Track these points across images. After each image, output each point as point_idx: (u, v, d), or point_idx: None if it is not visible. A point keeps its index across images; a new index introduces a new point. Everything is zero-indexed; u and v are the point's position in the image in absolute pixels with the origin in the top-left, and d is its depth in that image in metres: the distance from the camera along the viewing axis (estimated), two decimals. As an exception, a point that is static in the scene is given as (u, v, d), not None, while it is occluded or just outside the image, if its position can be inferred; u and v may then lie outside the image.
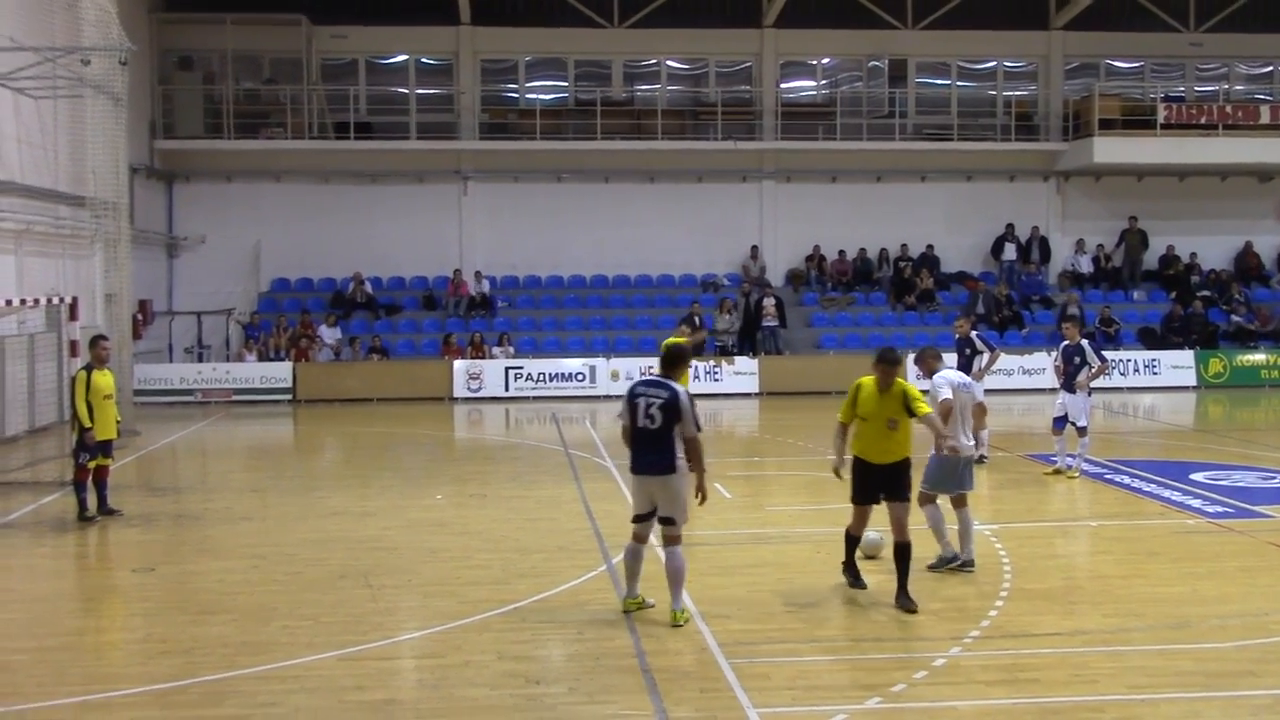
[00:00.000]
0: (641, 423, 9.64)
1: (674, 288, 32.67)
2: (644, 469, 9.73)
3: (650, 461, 9.67)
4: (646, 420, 9.62)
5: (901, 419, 10.24)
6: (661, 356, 10.28)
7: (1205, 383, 29.78)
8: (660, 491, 9.69)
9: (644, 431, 9.65)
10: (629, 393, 9.87)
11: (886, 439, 10.28)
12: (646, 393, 9.72)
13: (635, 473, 9.83)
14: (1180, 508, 14.55)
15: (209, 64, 32.26)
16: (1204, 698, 8.16)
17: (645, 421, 9.62)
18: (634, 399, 9.74)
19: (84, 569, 12.82)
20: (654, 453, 9.64)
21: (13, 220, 21.61)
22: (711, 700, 8.08)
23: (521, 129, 32.61)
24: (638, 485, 9.86)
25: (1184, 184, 33.63)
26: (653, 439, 9.62)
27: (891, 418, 10.22)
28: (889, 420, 10.22)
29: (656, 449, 9.63)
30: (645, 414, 9.63)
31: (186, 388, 28.14)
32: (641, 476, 9.77)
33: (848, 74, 34.21)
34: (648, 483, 9.74)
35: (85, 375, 14.18)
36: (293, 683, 8.49)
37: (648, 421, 9.62)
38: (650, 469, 9.69)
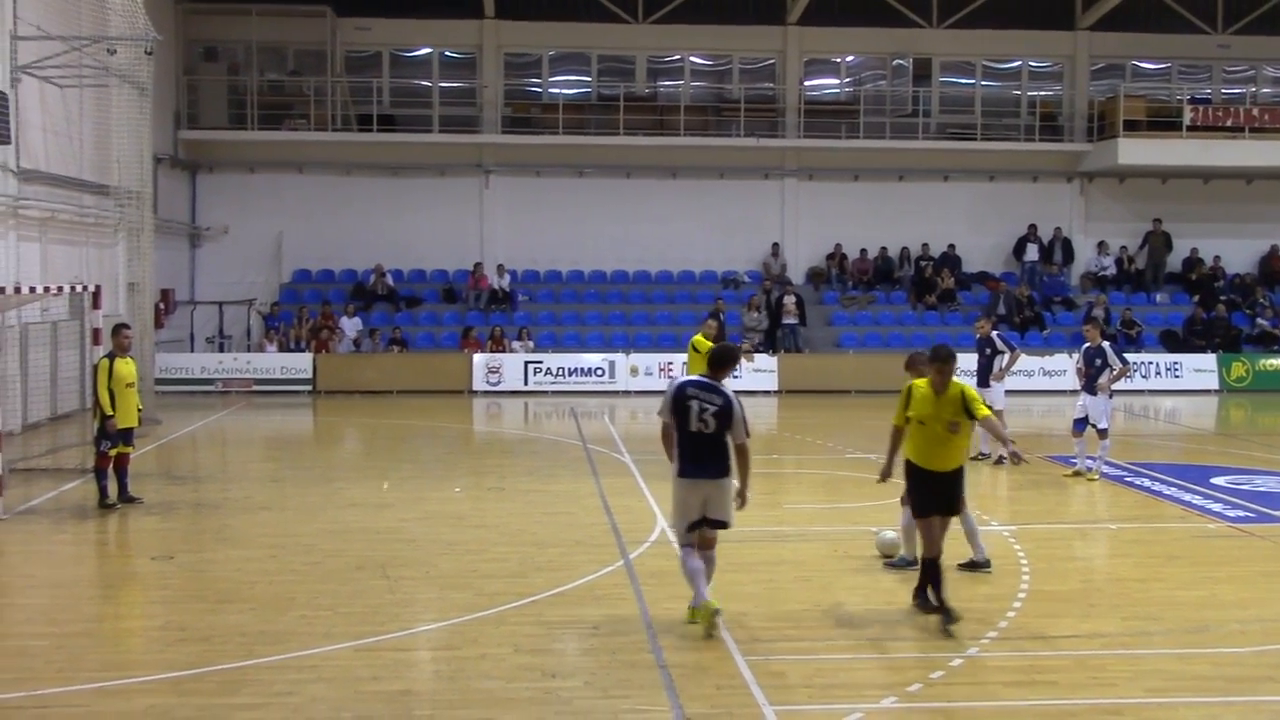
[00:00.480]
0: (695, 427, 9.33)
1: (694, 284, 32.65)
2: (698, 473, 9.39)
3: (705, 466, 9.36)
4: (701, 425, 9.32)
5: (962, 422, 9.66)
6: (712, 357, 9.84)
7: (1227, 386, 29.61)
8: (715, 494, 9.40)
9: (698, 436, 9.35)
10: (677, 394, 9.45)
11: (946, 444, 9.67)
12: (700, 396, 9.38)
13: (688, 476, 9.42)
14: (1201, 511, 14.46)
15: (234, 55, 32.38)
16: (1222, 702, 8.11)
17: (699, 426, 9.33)
18: (685, 401, 9.38)
19: (104, 556, 12.90)
20: (710, 457, 9.34)
21: (38, 208, 21.73)
22: (727, 697, 8.07)
23: (544, 123, 32.62)
24: (689, 489, 9.44)
25: (1209, 186, 33.44)
26: (708, 444, 9.34)
27: (952, 420, 9.61)
28: (949, 423, 9.61)
29: (712, 453, 9.34)
30: (699, 418, 9.32)
31: (207, 377, 28.26)
32: (695, 480, 9.41)
33: (871, 72, 34.13)
34: (702, 486, 9.40)
35: (108, 363, 14.25)
36: (309, 672, 8.52)
37: (702, 426, 9.32)
38: (705, 473, 9.37)
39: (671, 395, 9.49)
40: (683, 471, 9.42)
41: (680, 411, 9.38)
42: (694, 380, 9.62)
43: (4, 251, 20.43)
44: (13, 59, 20.82)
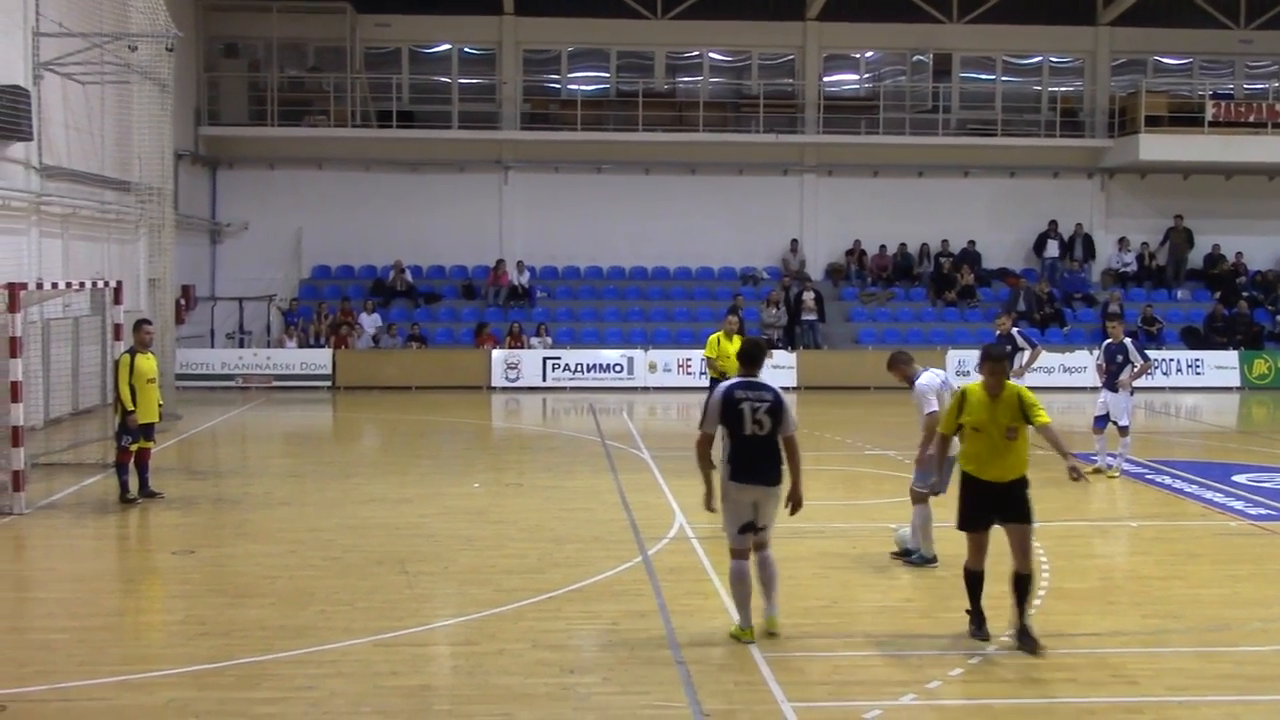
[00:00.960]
0: (750, 429, 8.97)
1: (713, 280, 32.62)
2: (754, 478, 9.02)
3: (762, 470, 9.02)
4: (755, 426, 8.97)
5: (1020, 427, 9.00)
6: (743, 353, 9.47)
7: (1249, 384, 29.44)
8: (768, 500, 9.10)
9: (753, 439, 8.99)
10: (727, 399, 9.02)
11: (1004, 453, 8.99)
12: (750, 396, 9.03)
13: (741, 481, 9.04)
14: (1222, 509, 14.39)
15: (254, 51, 32.47)
16: (1244, 701, 8.07)
17: (754, 428, 8.97)
18: (738, 404, 8.99)
19: (124, 550, 12.96)
20: (765, 460, 9.02)
21: (60, 204, 21.85)
22: (746, 694, 8.07)
23: (563, 119, 32.62)
24: (741, 492, 9.05)
25: (1231, 182, 33.24)
26: (762, 445, 9.00)
27: (1010, 426, 8.96)
28: (1007, 430, 8.96)
29: (768, 456, 9.02)
30: (754, 419, 8.97)
31: (227, 373, 28.36)
32: (750, 486, 9.03)
33: (891, 68, 34.03)
34: (755, 492, 9.04)
35: (129, 359, 14.32)
36: (329, 667, 8.55)
37: (756, 428, 8.97)
38: (762, 478, 9.02)
39: (720, 403, 9.07)
40: (736, 475, 9.07)
41: (733, 417, 9.02)
42: (737, 382, 9.19)
43: (27, 247, 20.55)
44: (35, 56, 20.93)
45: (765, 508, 9.11)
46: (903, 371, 11.57)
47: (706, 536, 12.81)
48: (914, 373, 11.49)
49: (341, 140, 31.66)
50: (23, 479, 13.79)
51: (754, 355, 9.44)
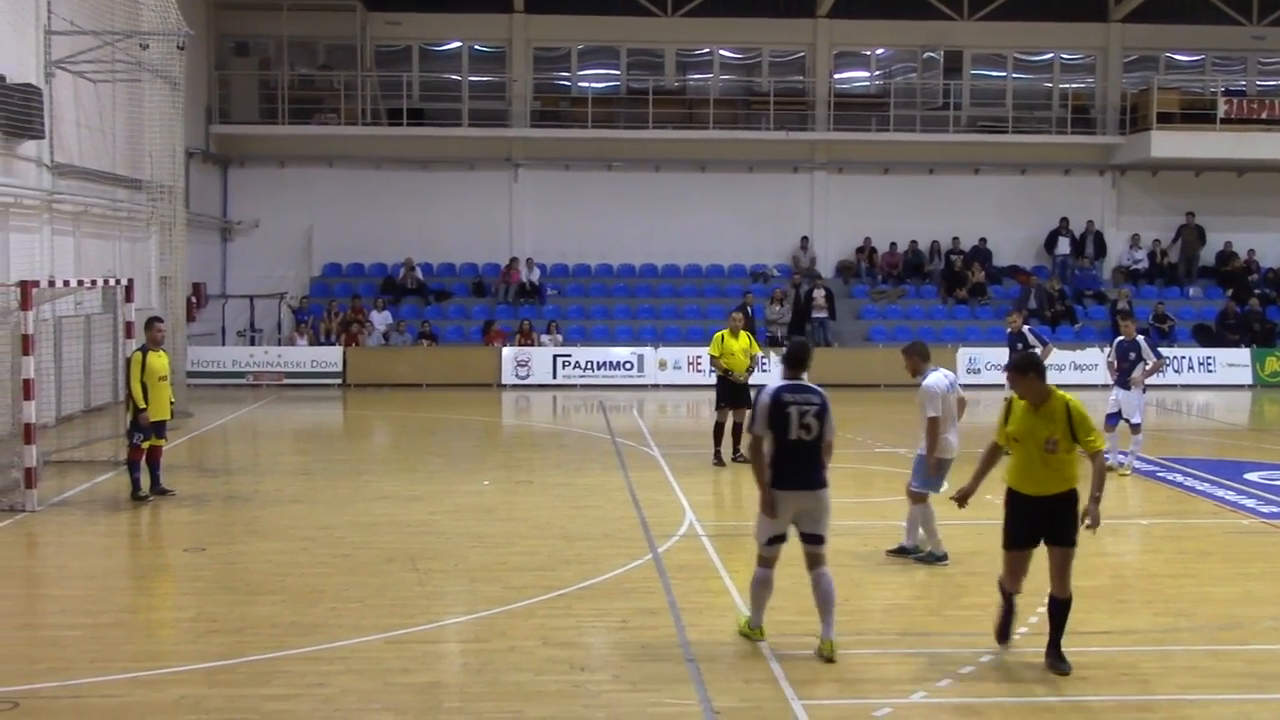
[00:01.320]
0: (796, 434, 8.72)
1: (723, 278, 32.60)
2: (799, 484, 8.78)
3: (808, 476, 8.79)
4: (802, 431, 8.73)
5: (1062, 441, 8.45)
6: (789, 355, 9.19)
7: (1261, 381, 29.35)
8: (815, 507, 8.85)
9: (799, 444, 8.75)
10: (774, 402, 8.76)
11: (1041, 466, 8.47)
12: (798, 400, 8.78)
13: (785, 488, 8.78)
14: (1234, 507, 14.35)
15: (265, 49, 32.53)
16: (1256, 700, 8.05)
17: (800, 433, 8.73)
18: (785, 408, 8.73)
19: (136, 548, 12.99)
20: (810, 465, 8.80)
21: (71, 202, 21.90)
22: (756, 691, 8.07)
23: (573, 117, 32.64)
24: (783, 501, 8.81)
25: (1243, 179, 33.12)
26: (808, 451, 8.78)
27: (1050, 439, 8.45)
28: (1046, 442, 8.44)
29: (813, 461, 8.81)
30: (801, 424, 8.72)
31: (238, 370, 28.43)
32: (794, 492, 8.79)
33: (902, 65, 33.97)
34: (799, 499, 8.81)
35: (140, 356, 14.35)
36: (340, 664, 8.56)
37: (803, 432, 8.73)
38: (807, 483, 8.79)
39: (768, 406, 8.79)
40: (778, 482, 8.79)
41: (780, 421, 8.74)
42: (786, 385, 8.92)
43: (38, 245, 20.60)
44: (46, 54, 20.97)
45: (813, 513, 8.85)
46: (915, 365, 11.54)
47: (716, 534, 12.82)
48: (924, 370, 11.44)
49: (352, 138, 31.71)
50: (35, 476, 13.83)
51: (800, 356, 9.18)
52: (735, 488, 15.86)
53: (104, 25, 21.71)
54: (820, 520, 8.89)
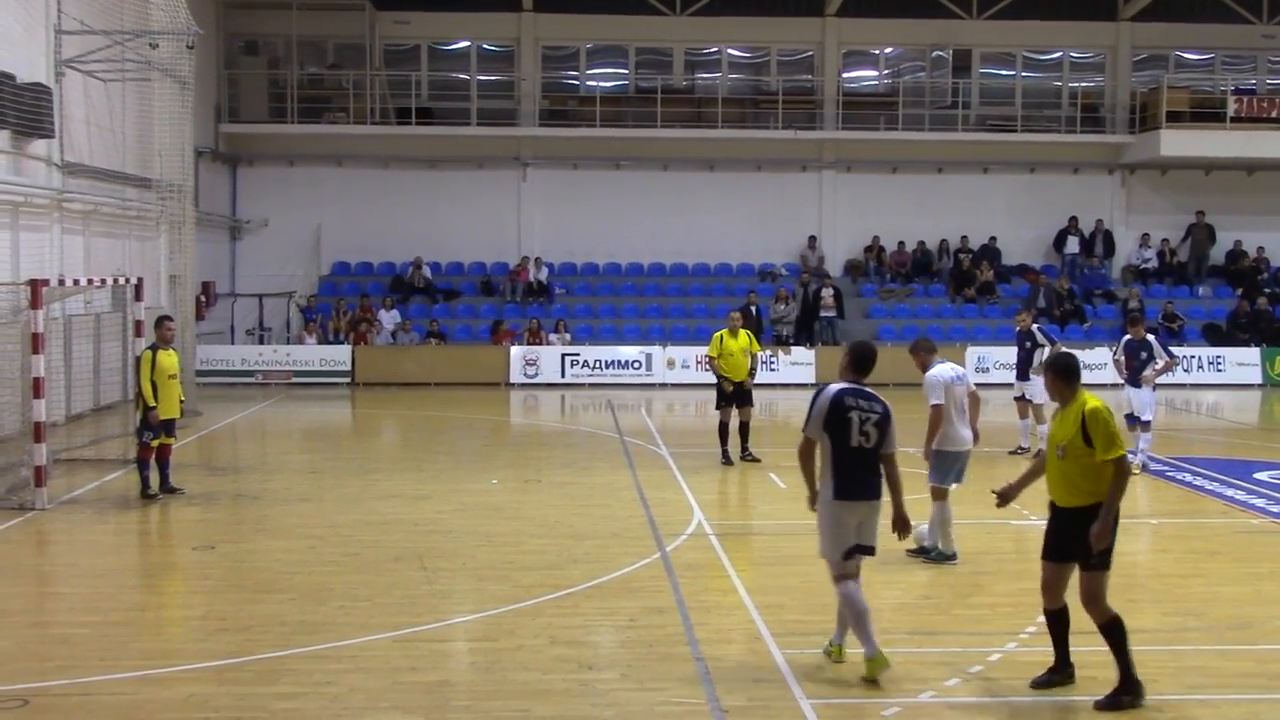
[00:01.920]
0: (856, 441, 8.38)
1: (731, 276, 32.59)
2: (860, 493, 8.43)
3: (868, 485, 8.43)
4: (862, 438, 8.38)
5: (1071, 448, 7.90)
6: (856, 358, 8.65)
7: (1271, 380, 29.26)
8: (870, 518, 8.49)
9: (858, 451, 8.39)
10: (835, 405, 8.38)
11: (1054, 472, 8.07)
12: (860, 406, 8.40)
13: (846, 498, 8.40)
14: (1243, 507, 14.32)
15: (274, 49, 32.59)
16: (1266, 699, 8.03)
17: (860, 439, 8.38)
18: (846, 412, 8.37)
19: (145, 546, 13.03)
20: (870, 475, 8.43)
21: (81, 201, 21.95)
22: (764, 690, 8.06)
23: (581, 116, 32.64)
24: (847, 512, 8.41)
25: (1253, 178, 33.02)
26: (867, 459, 8.42)
27: (1060, 444, 7.98)
28: (1058, 447, 8.00)
29: (872, 471, 8.45)
30: (861, 431, 8.38)
31: (247, 369, 28.48)
32: (855, 502, 8.42)
33: (910, 64, 33.93)
34: (860, 509, 8.44)
35: (150, 355, 14.39)
36: (348, 662, 8.57)
37: (863, 439, 8.38)
38: (867, 493, 8.44)
39: (827, 407, 8.41)
40: (840, 492, 8.40)
41: (839, 425, 8.38)
42: (849, 388, 8.49)
43: (48, 244, 20.65)
44: (56, 53, 21.02)
45: (869, 525, 8.50)
46: (922, 359, 11.67)
47: (724, 533, 12.82)
48: (931, 363, 11.52)
49: (361, 137, 31.74)
50: (45, 474, 13.87)
51: (865, 359, 8.67)
52: (743, 487, 15.86)
53: (114, 25, 21.77)
54: (873, 531, 8.52)
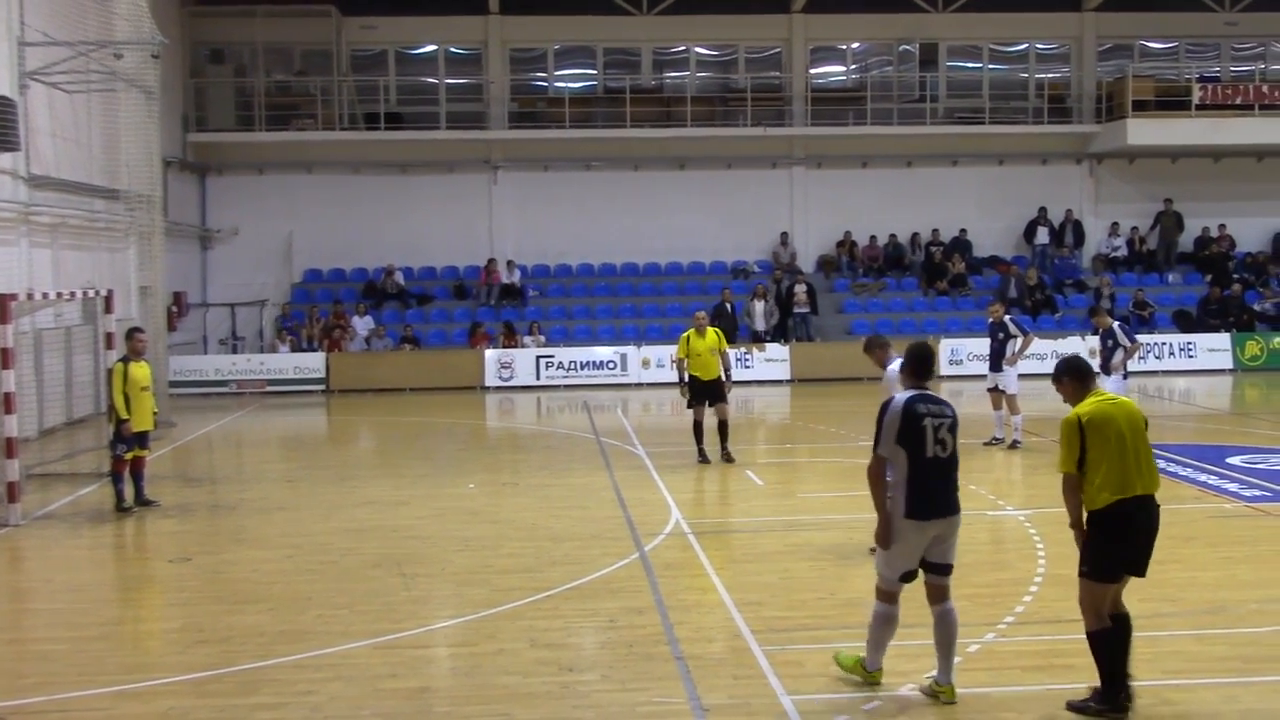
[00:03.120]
0: (932, 451, 7.62)
1: (704, 275, 32.62)
2: (937, 510, 7.67)
3: (943, 500, 7.70)
4: (938, 447, 7.63)
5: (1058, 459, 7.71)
6: (915, 360, 7.99)
7: (1242, 365, 29.50)
8: (948, 534, 7.79)
9: (935, 463, 7.63)
10: (908, 411, 7.66)
11: None
12: (933, 411, 7.69)
13: (920, 517, 7.64)
14: (1217, 492, 14.43)
15: (240, 56, 32.47)
16: (1241, 683, 8.10)
17: (936, 449, 7.63)
18: (919, 420, 7.64)
19: (121, 559, 12.95)
20: (949, 487, 7.75)
21: (49, 214, 21.80)
22: (744, 687, 8.08)
23: (551, 118, 32.63)
24: (917, 532, 7.69)
25: (1219, 165, 33.27)
26: (944, 469, 7.70)
27: None
28: None
29: (951, 482, 7.76)
30: (936, 439, 7.63)
31: (221, 379, 28.35)
32: (927, 521, 7.67)
33: (878, 58, 34.04)
34: (934, 527, 7.70)
35: (122, 367, 14.32)
36: (328, 671, 8.55)
37: (939, 449, 7.64)
38: (945, 509, 7.72)
39: (899, 418, 7.67)
40: (914, 510, 7.63)
41: (914, 436, 7.63)
42: (916, 394, 7.77)
43: (16, 258, 20.50)
44: (20, 65, 20.86)
45: (947, 542, 7.80)
46: (878, 356, 11.53)
47: (702, 532, 12.84)
48: (889, 359, 11.40)
49: (330, 143, 31.63)
50: (18, 490, 13.77)
51: (927, 361, 8.00)
52: (720, 485, 15.88)
53: (77, 36, 21.60)
54: (953, 548, 7.88)
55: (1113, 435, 7.49)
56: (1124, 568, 7.58)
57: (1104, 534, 7.53)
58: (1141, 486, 7.53)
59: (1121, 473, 7.47)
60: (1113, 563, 7.55)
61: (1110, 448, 7.48)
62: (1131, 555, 7.57)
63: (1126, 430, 7.52)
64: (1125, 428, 7.52)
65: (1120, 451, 7.48)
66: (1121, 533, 7.52)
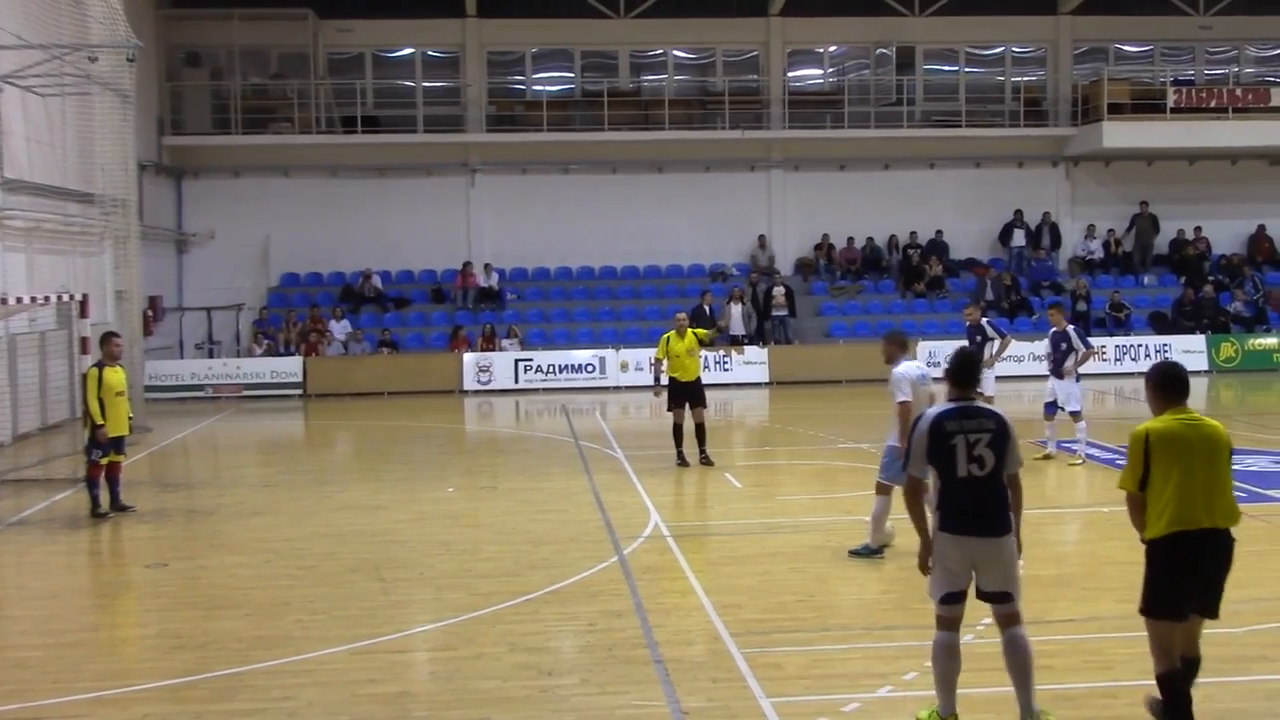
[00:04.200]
0: (965, 471, 7.15)
1: (683, 278, 32.64)
2: (971, 526, 7.15)
3: (980, 518, 7.16)
4: (973, 465, 7.14)
5: None
6: (953, 369, 7.45)
7: (1217, 367, 29.70)
8: (991, 557, 7.18)
9: (969, 482, 7.15)
10: (935, 431, 7.19)
11: None
12: (966, 426, 7.16)
13: (953, 531, 7.20)
14: (1193, 493, 14.47)
15: (216, 59, 32.30)
16: (1218, 683, 8.12)
17: (971, 467, 7.14)
18: (948, 439, 7.15)
19: (97, 565, 12.86)
20: (986, 507, 7.18)
21: (22, 218, 21.66)
22: (724, 690, 8.08)
23: (528, 121, 32.60)
24: (953, 547, 7.22)
25: (1194, 168, 33.49)
26: (982, 488, 7.17)
27: None
28: None
29: (988, 501, 7.18)
30: (970, 456, 7.14)
31: (197, 383, 28.22)
32: (961, 537, 7.18)
33: (855, 62, 34.14)
34: (971, 546, 7.18)
35: (97, 372, 14.23)
36: (306, 676, 8.51)
37: (974, 466, 7.14)
38: (981, 528, 7.16)
39: (925, 437, 7.23)
40: (946, 523, 7.23)
41: (943, 455, 7.18)
42: (947, 409, 7.28)
43: (-10, 262, 20.38)
44: (-7, 69, 20.75)
45: (991, 566, 7.21)
46: (891, 352, 11.57)
47: (681, 535, 12.84)
48: (899, 359, 11.47)
49: (307, 147, 31.53)
50: (-8, 496, 13.68)
51: (962, 369, 7.47)
52: (699, 488, 15.88)
53: (51, 39, 21.45)
54: (1004, 574, 7.23)
55: (1180, 459, 6.85)
56: (1187, 606, 6.93)
57: (1157, 566, 6.95)
58: (1209, 520, 6.86)
59: (1185, 502, 6.82)
60: (1168, 599, 6.92)
61: (1175, 472, 6.84)
62: (1193, 591, 6.92)
63: (1200, 456, 6.87)
64: (1199, 452, 6.88)
65: (1186, 478, 6.83)
66: (1177, 567, 6.88)
